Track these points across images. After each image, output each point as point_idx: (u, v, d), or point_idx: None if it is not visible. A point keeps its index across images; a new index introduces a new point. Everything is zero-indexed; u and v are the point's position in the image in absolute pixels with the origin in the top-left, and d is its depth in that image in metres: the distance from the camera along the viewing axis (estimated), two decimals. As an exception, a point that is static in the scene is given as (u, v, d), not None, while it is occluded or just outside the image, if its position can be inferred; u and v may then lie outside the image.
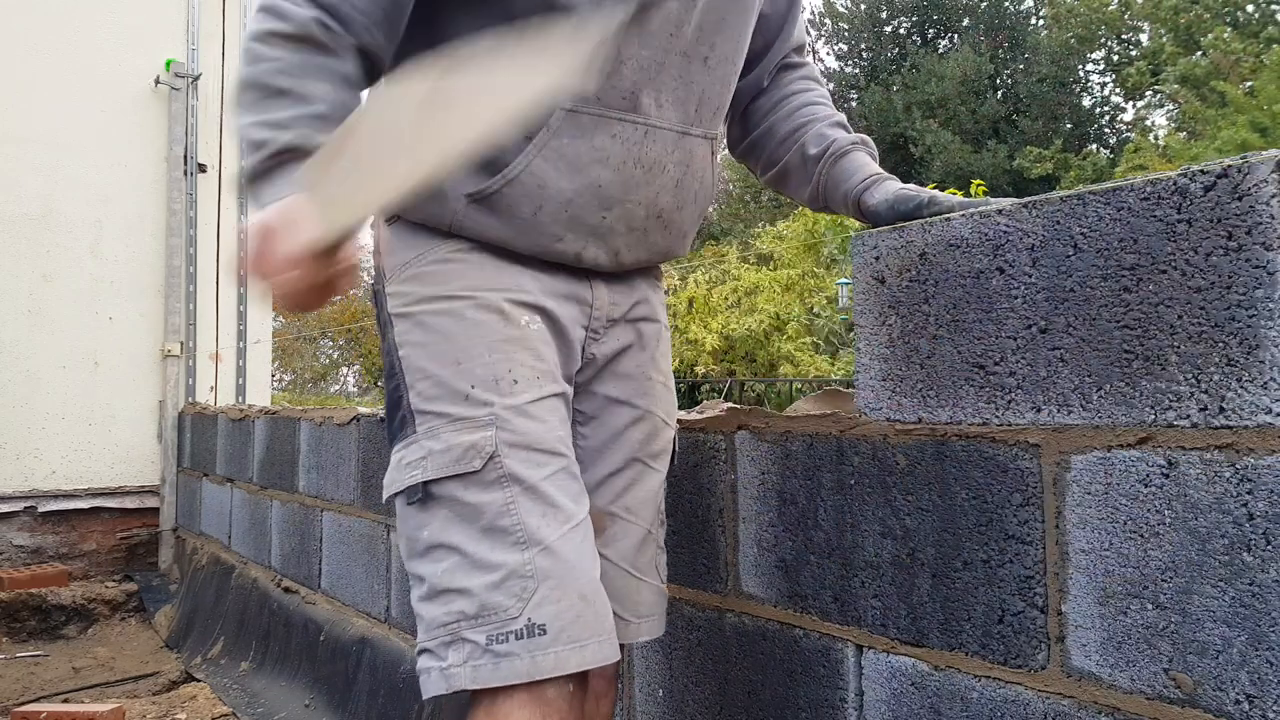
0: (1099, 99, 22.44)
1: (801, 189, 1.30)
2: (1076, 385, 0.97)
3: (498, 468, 0.97)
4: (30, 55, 4.45)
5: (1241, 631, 0.84)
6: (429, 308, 1.04)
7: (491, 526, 0.95)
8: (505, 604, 0.93)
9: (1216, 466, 0.87)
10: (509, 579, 0.94)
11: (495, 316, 1.04)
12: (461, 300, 1.04)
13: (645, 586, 1.21)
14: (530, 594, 0.93)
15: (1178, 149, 14.11)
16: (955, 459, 1.08)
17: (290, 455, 3.05)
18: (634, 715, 1.60)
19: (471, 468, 0.96)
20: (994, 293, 1.05)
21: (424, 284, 1.06)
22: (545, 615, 0.93)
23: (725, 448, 1.42)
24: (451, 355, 1.01)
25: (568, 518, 0.99)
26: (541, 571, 0.94)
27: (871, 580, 1.18)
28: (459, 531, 0.96)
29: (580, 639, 0.95)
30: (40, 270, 4.42)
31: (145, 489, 4.56)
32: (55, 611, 3.87)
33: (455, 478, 0.97)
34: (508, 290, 1.06)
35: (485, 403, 0.99)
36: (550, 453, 1.01)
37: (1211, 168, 0.88)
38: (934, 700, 1.10)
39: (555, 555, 0.96)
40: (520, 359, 1.03)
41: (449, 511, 0.97)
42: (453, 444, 0.98)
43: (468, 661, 0.93)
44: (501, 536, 0.95)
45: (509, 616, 0.93)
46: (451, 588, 0.95)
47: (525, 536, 0.95)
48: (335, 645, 2.59)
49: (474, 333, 1.02)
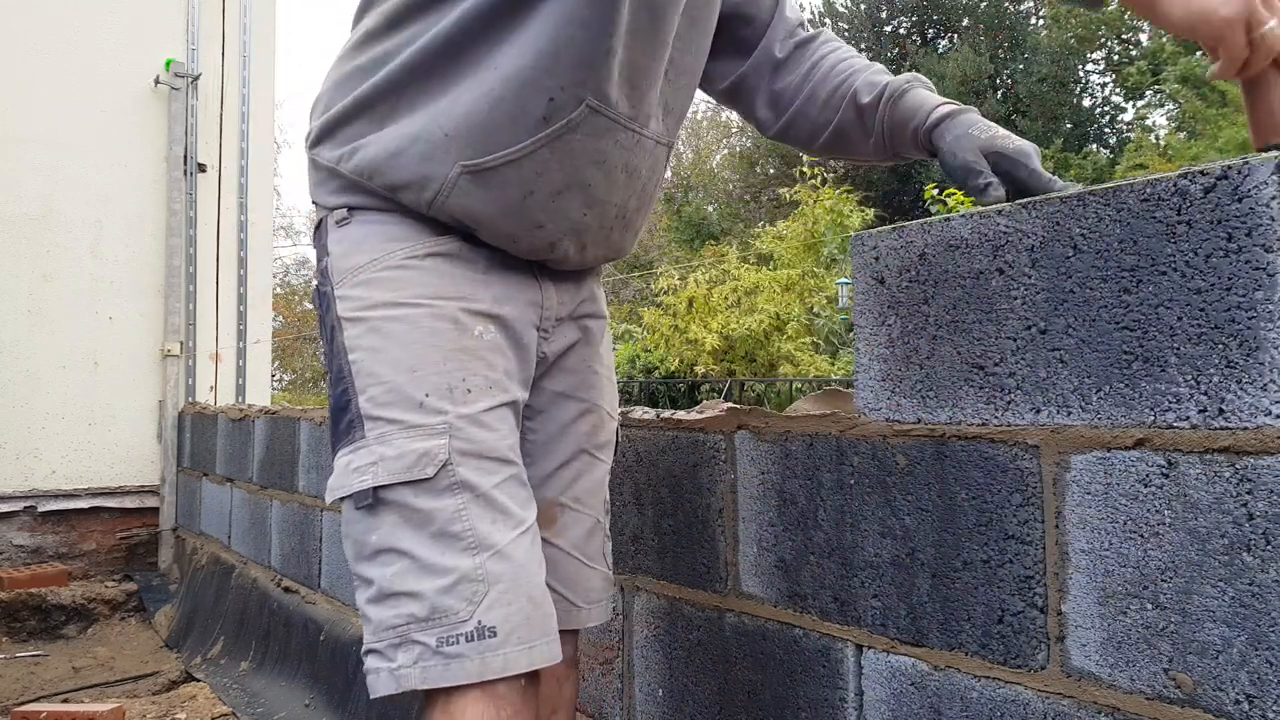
0: (1099, 99, 22.45)
1: (862, 144, 1.26)
2: (1076, 386, 0.97)
3: (450, 475, 0.98)
4: (30, 55, 4.45)
5: (1241, 631, 0.85)
6: (383, 313, 1.04)
7: (442, 532, 0.97)
8: (456, 607, 0.95)
9: (1216, 467, 0.87)
10: (460, 583, 0.96)
11: (449, 326, 1.05)
12: (416, 308, 1.05)
13: (595, 574, 1.26)
14: (481, 597, 0.96)
15: (1178, 148, 14.11)
16: (955, 459, 1.09)
17: (290, 455, 3.05)
18: (634, 715, 1.60)
19: (424, 474, 0.98)
20: (994, 293, 1.05)
21: (378, 289, 1.06)
22: (495, 618, 0.96)
23: (725, 448, 1.42)
24: (406, 362, 1.02)
25: (517, 523, 1.01)
26: (492, 575, 0.97)
27: (871, 580, 1.18)
28: (409, 536, 0.97)
29: (529, 640, 0.98)
30: (40, 270, 4.42)
31: (145, 489, 4.56)
32: (55, 611, 3.87)
33: (407, 484, 0.98)
34: (462, 300, 1.07)
35: (439, 410, 1.00)
36: (501, 460, 1.03)
37: (1211, 169, 0.88)
38: (934, 700, 1.10)
39: (506, 559, 0.98)
40: (473, 368, 1.05)
41: (398, 516, 0.98)
42: (405, 450, 0.98)
43: (417, 663, 0.95)
44: (452, 542, 0.97)
45: (459, 619, 0.95)
46: (401, 591, 0.97)
47: (476, 542, 0.97)
48: (335, 645, 2.59)
49: (429, 341, 1.03)
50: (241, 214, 4.95)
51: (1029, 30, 22.34)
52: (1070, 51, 20.95)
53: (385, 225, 1.08)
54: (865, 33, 23.26)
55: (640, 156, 1.13)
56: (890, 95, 1.20)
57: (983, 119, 1.15)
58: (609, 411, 1.29)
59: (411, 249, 1.07)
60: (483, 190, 1.05)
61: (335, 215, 1.11)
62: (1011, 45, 22.13)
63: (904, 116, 1.19)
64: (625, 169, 1.11)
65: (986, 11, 22.49)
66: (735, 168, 24.45)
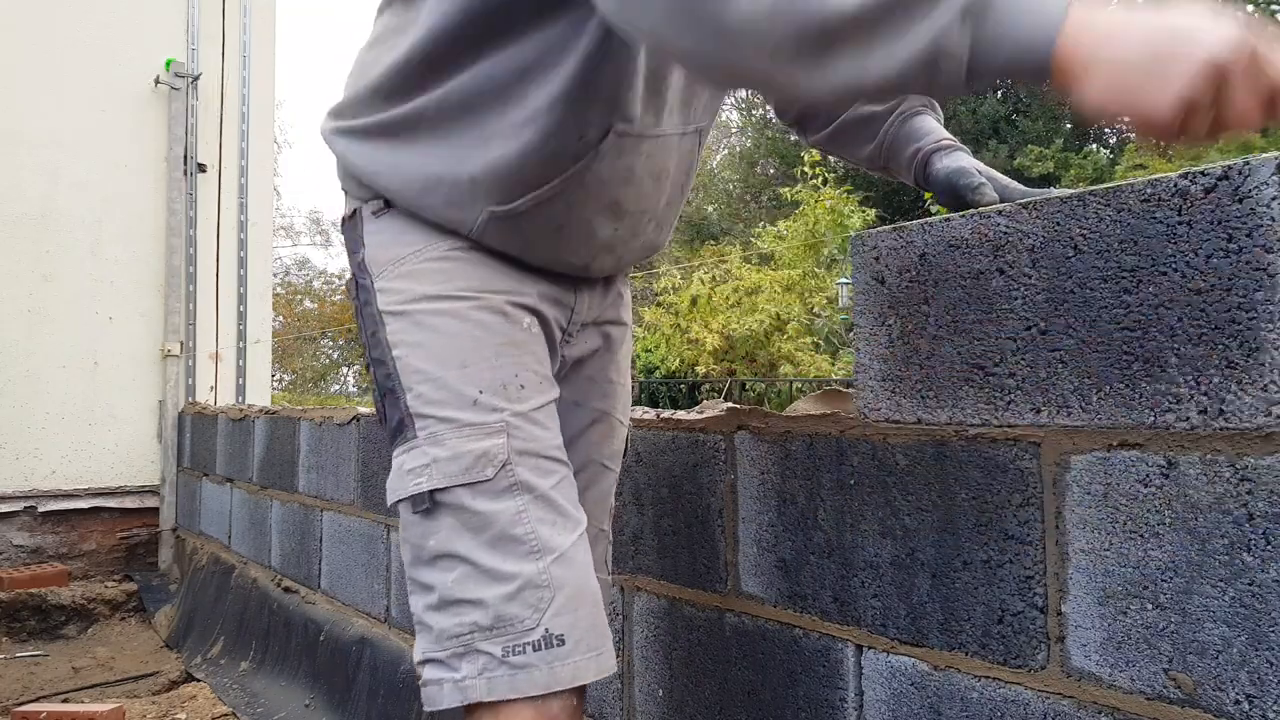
0: (1099, 99, 22.41)
1: (859, 147, 1.26)
2: (1076, 386, 0.97)
3: (509, 476, 0.94)
4: (30, 55, 4.45)
5: (1241, 631, 0.84)
6: (428, 306, 1.01)
7: (503, 535, 0.93)
8: (521, 615, 0.91)
9: (1216, 467, 0.87)
10: (524, 589, 0.92)
11: (500, 318, 1.01)
12: (463, 301, 1.01)
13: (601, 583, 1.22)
14: (547, 604, 0.92)
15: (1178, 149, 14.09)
16: (955, 459, 1.08)
17: (290, 455, 3.05)
18: (634, 715, 1.60)
19: (484, 476, 0.94)
20: (994, 293, 1.05)
21: (420, 282, 1.02)
22: (563, 625, 0.92)
23: (725, 448, 1.42)
24: (456, 358, 0.98)
25: (574, 525, 0.98)
26: (557, 581, 0.93)
27: (871, 580, 1.18)
28: (467, 541, 0.93)
29: (596, 647, 0.94)
30: (40, 270, 4.42)
31: (145, 489, 4.56)
32: (55, 611, 3.87)
33: (464, 486, 0.94)
34: (509, 293, 1.04)
35: (495, 408, 0.96)
36: (556, 460, 1.00)
37: (1212, 169, 0.88)
38: (934, 700, 1.10)
39: (569, 564, 0.94)
40: (526, 363, 1.01)
41: (455, 520, 0.94)
42: (461, 451, 0.95)
43: (483, 673, 0.91)
44: (514, 546, 0.93)
45: (525, 628, 0.91)
46: (464, 599, 0.92)
47: (539, 545, 0.93)
48: (335, 645, 2.59)
49: (479, 335, 1.00)
50: (241, 214, 4.95)
51: (1029, 30, 22.30)
52: (1070, 51, 20.92)
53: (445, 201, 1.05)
54: (865, 33, 23.21)
55: (666, 157, 1.10)
56: (903, 112, 1.21)
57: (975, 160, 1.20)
58: (621, 419, 1.26)
59: (454, 241, 1.04)
60: (512, 230, 1.04)
61: (371, 206, 1.07)
62: (1011, 45, 22.09)
63: (910, 136, 1.20)
64: (653, 176, 1.09)
65: (986, 11, 22.45)
66: (735, 168, 24.45)
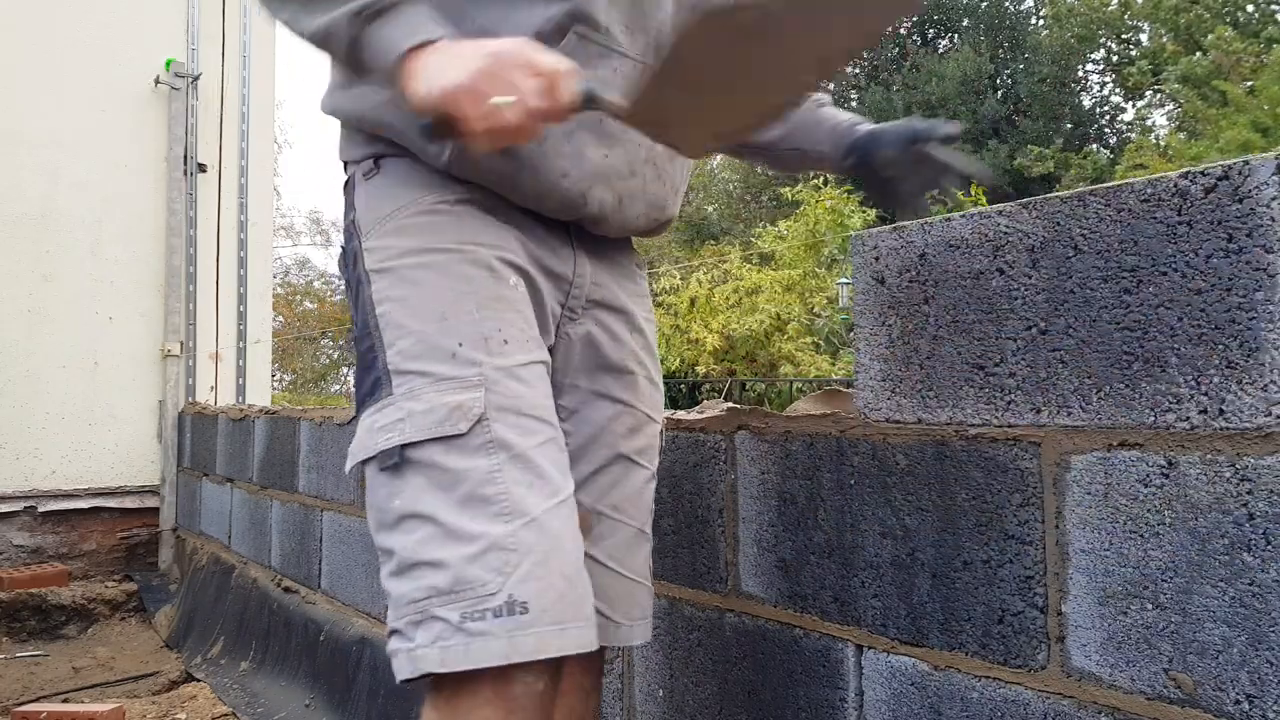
0: (1099, 99, 22.45)
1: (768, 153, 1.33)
2: (1076, 386, 0.97)
3: (485, 432, 0.89)
4: (30, 55, 4.45)
5: (1241, 631, 0.84)
6: (412, 260, 0.97)
7: (473, 495, 0.87)
8: (484, 578, 0.85)
9: (1216, 467, 0.87)
10: (489, 551, 0.85)
11: (485, 273, 0.98)
12: (448, 253, 0.97)
13: (638, 588, 1.15)
14: (513, 568, 0.85)
15: (1178, 149, 14.11)
16: (955, 459, 1.08)
17: (290, 455, 3.05)
18: (634, 715, 1.60)
19: (456, 430, 0.89)
20: (994, 293, 1.05)
21: (407, 236, 0.99)
22: (528, 592, 0.85)
23: (725, 448, 1.42)
24: (437, 310, 0.94)
25: (555, 490, 0.92)
26: (526, 545, 0.86)
27: (871, 580, 1.18)
28: (435, 499, 0.88)
29: (563, 620, 0.87)
30: (40, 270, 4.42)
31: (145, 489, 4.56)
32: (55, 611, 3.87)
33: (436, 440, 0.89)
34: (497, 248, 1.00)
35: (473, 362, 0.92)
36: (541, 420, 0.95)
37: (1212, 169, 0.88)
38: (934, 700, 1.10)
39: (542, 529, 0.88)
40: (510, 319, 0.97)
41: (425, 479, 0.89)
42: (436, 404, 0.90)
43: (436, 641, 0.84)
44: (483, 506, 0.87)
45: (487, 592, 0.84)
46: (423, 560, 0.87)
47: (511, 507, 0.87)
48: (335, 645, 2.59)
49: (463, 287, 0.96)
50: (241, 214, 4.95)
51: (1029, 30, 22.35)
52: (1070, 51, 20.96)
53: (414, 171, 1.02)
54: (865, 33, 23.22)
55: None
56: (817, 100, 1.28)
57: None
58: (649, 414, 1.20)
59: (442, 194, 1.01)
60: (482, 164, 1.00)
61: (362, 168, 1.05)
62: (1012, 45, 22.13)
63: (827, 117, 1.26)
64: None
65: (986, 11, 22.49)
66: (735, 168, 24.44)
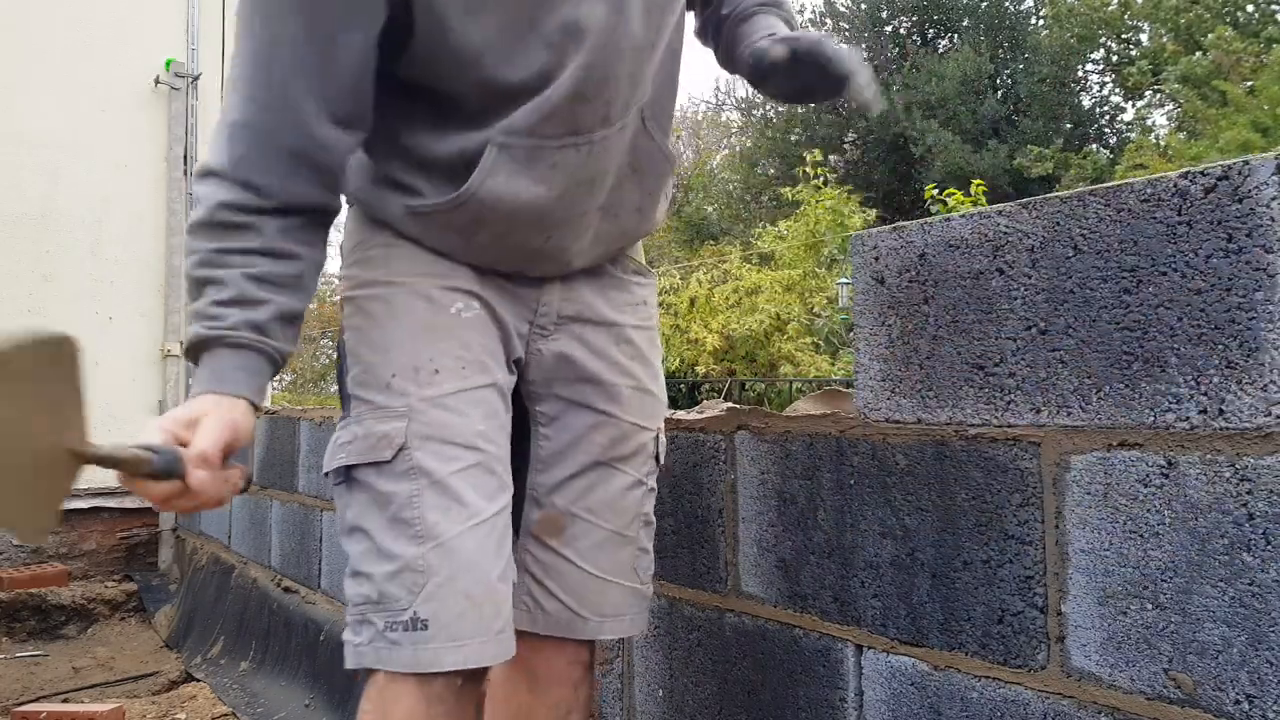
0: (1098, 99, 22.46)
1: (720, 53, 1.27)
2: (1076, 386, 0.97)
3: (407, 459, 0.98)
4: (30, 55, 4.45)
5: (1241, 631, 0.84)
6: (367, 292, 1.06)
7: (396, 517, 0.97)
8: (397, 595, 0.96)
9: (1216, 467, 0.87)
10: (403, 571, 0.96)
11: (424, 303, 1.04)
12: (394, 286, 1.05)
13: (612, 588, 1.18)
14: (419, 588, 0.95)
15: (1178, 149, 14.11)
16: (955, 459, 1.08)
17: (290, 455, 3.05)
18: (634, 715, 1.60)
19: (382, 457, 0.98)
20: (994, 293, 1.05)
21: (366, 268, 1.08)
22: (429, 611, 0.95)
23: (725, 448, 1.42)
24: (381, 342, 1.03)
25: (472, 514, 0.99)
26: (432, 567, 0.96)
27: (871, 580, 1.18)
28: (372, 517, 0.99)
29: (460, 638, 0.96)
30: (40, 270, 4.42)
31: (145, 489, 4.55)
32: (55, 611, 3.87)
33: (370, 465, 0.99)
34: (440, 276, 1.06)
35: (403, 392, 1.01)
36: (465, 446, 1.01)
37: (1212, 169, 0.88)
38: (934, 700, 1.10)
39: (448, 552, 0.97)
40: (445, 348, 1.03)
41: (367, 496, 1.00)
42: (371, 431, 1.00)
43: (371, 642, 0.97)
44: (404, 528, 0.97)
45: (400, 608, 0.95)
46: (362, 571, 0.99)
47: (424, 530, 0.97)
48: (335, 645, 2.58)
49: (403, 320, 1.04)
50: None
51: (1029, 30, 22.35)
52: (1070, 51, 20.96)
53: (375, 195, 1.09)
54: (865, 32, 23.27)
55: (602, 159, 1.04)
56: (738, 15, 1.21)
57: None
58: (635, 423, 1.20)
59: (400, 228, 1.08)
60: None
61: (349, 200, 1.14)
62: (1012, 45, 22.13)
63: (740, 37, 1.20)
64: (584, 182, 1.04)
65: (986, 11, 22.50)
66: (735, 168, 24.45)
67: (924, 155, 19.77)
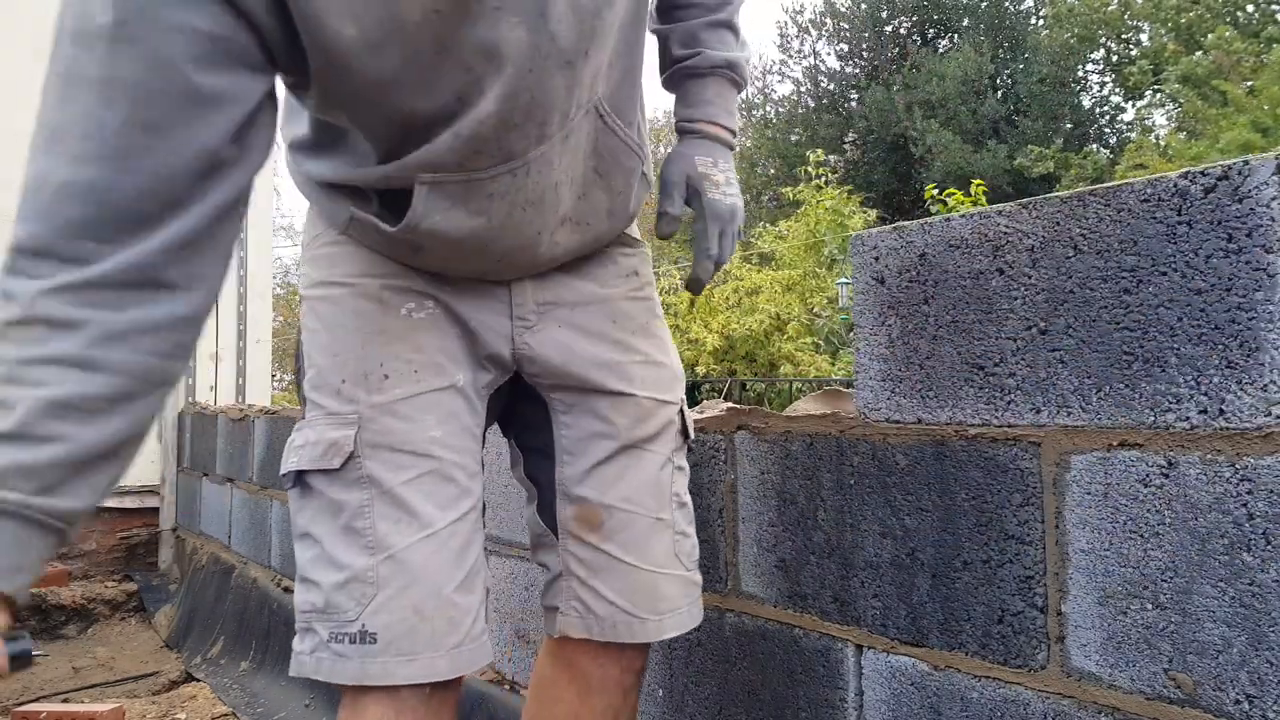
0: (1098, 99, 22.46)
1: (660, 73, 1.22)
2: (1076, 386, 0.97)
3: (357, 468, 0.96)
4: (31, 55, 4.45)
5: (1241, 631, 0.84)
6: (319, 292, 1.03)
7: (348, 526, 0.95)
8: (345, 606, 0.94)
9: (1216, 467, 0.87)
10: (352, 582, 0.94)
11: (373, 305, 1.01)
12: (342, 287, 1.02)
13: (663, 579, 1.10)
14: (368, 600, 0.93)
15: (1178, 149, 14.12)
16: (955, 459, 1.08)
17: (290, 455, 3.05)
18: (634, 715, 1.60)
19: (332, 465, 0.96)
20: (994, 293, 1.05)
21: (317, 267, 1.04)
22: (378, 624, 0.93)
23: (725, 448, 1.42)
24: (331, 345, 1.00)
25: (424, 525, 0.96)
26: (382, 579, 0.94)
27: (871, 580, 1.18)
28: (323, 524, 0.96)
29: (410, 652, 0.94)
30: (40, 270, 4.42)
31: (145, 489, 4.56)
32: (55, 611, 3.88)
33: (321, 472, 0.96)
34: (390, 276, 1.02)
35: (352, 399, 0.98)
36: (416, 454, 0.98)
37: (1212, 169, 0.88)
38: (934, 700, 1.10)
39: (399, 564, 0.94)
40: (395, 351, 1.00)
41: (319, 503, 0.97)
42: (321, 438, 0.97)
43: (314, 652, 0.95)
44: (355, 538, 0.95)
45: (347, 619, 0.93)
46: (310, 578, 0.96)
47: (375, 541, 0.94)
48: (335, 645, 2.59)
49: (351, 323, 1.00)
50: (242, 214, 4.95)
51: (1029, 30, 22.35)
52: (1070, 51, 20.97)
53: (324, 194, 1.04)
54: (866, 32, 23.28)
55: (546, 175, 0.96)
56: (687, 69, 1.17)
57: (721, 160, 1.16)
58: (653, 398, 1.13)
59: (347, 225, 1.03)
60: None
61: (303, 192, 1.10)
62: (1012, 45, 22.14)
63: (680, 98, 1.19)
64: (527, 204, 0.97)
65: (986, 11, 22.50)
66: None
67: (924, 155, 19.77)
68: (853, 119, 21.95)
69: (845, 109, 22.93)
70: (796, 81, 24.41)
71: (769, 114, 23.86)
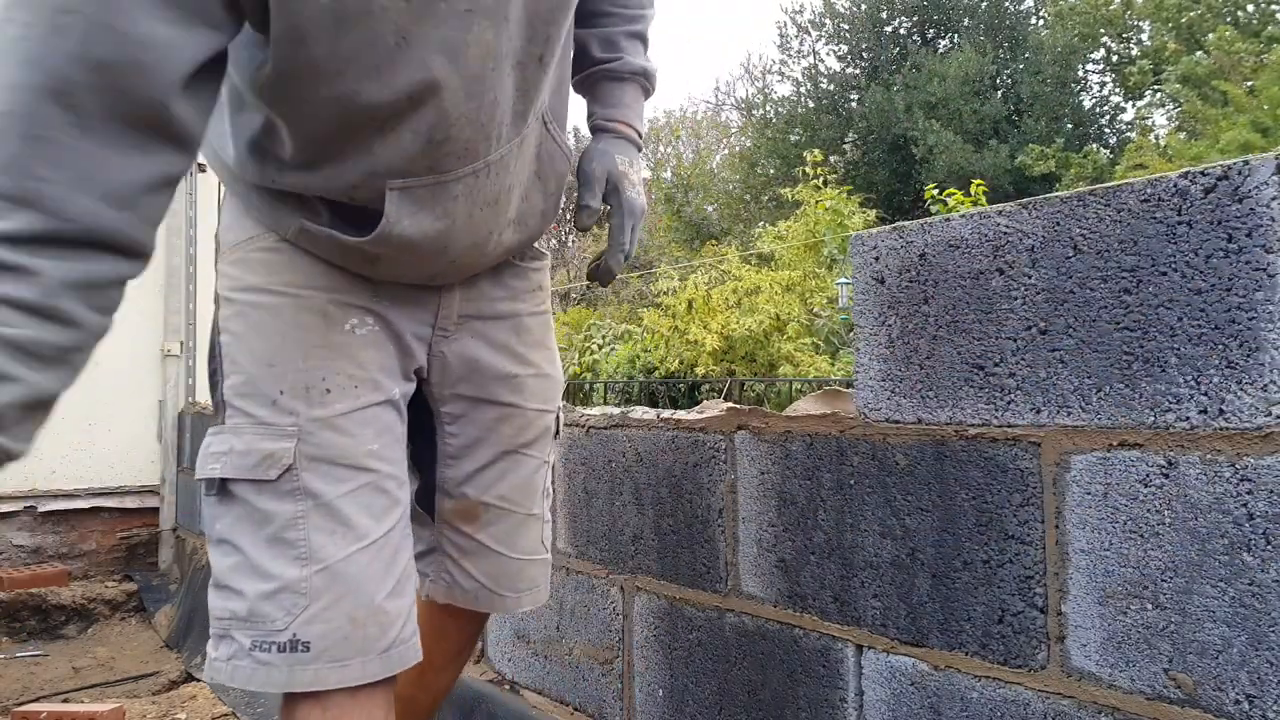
0: (1099, 98, 22.46)
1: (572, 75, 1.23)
2: (1076, 386, 0.97)
3: (293, 480, 0.96)
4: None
5: (1241, 631, 0.84)
6: (251, 297, 1.01)
7: (277, 537, 0.95)
8: (273, 615, 0.94)
9: (1216, 467, 0.87)
10: (281, 592, 0.94)
11: (317, 319, 1.00)
12: (283, 296, 1.00)
13: (525, 565, 1.22)
14: (300, 610, 0.94)
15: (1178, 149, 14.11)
16: (955, 459, 1.08)
17: (290, 455, 3.05)
18: (634, 715, 1.60)
19: (266, 476, 0.95)
20: (994, 293, 1.05)
21: (249, 271, 1.01)
22: (311, 634, 0.94)
23: (725, 448, 1.42)
24: (267, 355, 0.99)
25: (360, 536, 0.98)
26: (316, 590, 0.94)
27: (871, 580, 1.18)
28: (246, 533, 0.96)
29: (343, 659, 0.96)
30: (41, 270, 4.42)
31: (145, 489, 4.56)
32: (55, 611, 3.87)
33: (250, 481, 0.96)
34: (335, 290, 1.02)
35: (291, 411, 0.97)
36: (355, 468, 0.99)
37: (1212, 169, 0.88)
38: (934, 700, 1.10)
39: (334, 575, 0.95)
40: (338, 366, 1.00)
41: (241, 510, 0.96)
42: (253, 448, 0.96)
43: (231, 659, 0.95)
44: (285, 549, 0.95)
45: (275, 628, 0.94)
46: (229, 585, 0.96)
47: (309, 553, 0.95)
48: (335, 645, 2.58)
49: (293, 334, 0.99)
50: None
51: (1030, 30, 22.35)
52: (1071, 51, 20.96)
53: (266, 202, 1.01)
54: (866, 32, 23.28)
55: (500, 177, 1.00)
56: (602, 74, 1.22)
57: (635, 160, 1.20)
58: (538, 409, 1.21)
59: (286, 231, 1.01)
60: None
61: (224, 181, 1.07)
62: (1012, 45, 22.13)
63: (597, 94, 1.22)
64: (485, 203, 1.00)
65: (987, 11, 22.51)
66: (735, 168, 24.45)
67: (925, 155, 19.77)
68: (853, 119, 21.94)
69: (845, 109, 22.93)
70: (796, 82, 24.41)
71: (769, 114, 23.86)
